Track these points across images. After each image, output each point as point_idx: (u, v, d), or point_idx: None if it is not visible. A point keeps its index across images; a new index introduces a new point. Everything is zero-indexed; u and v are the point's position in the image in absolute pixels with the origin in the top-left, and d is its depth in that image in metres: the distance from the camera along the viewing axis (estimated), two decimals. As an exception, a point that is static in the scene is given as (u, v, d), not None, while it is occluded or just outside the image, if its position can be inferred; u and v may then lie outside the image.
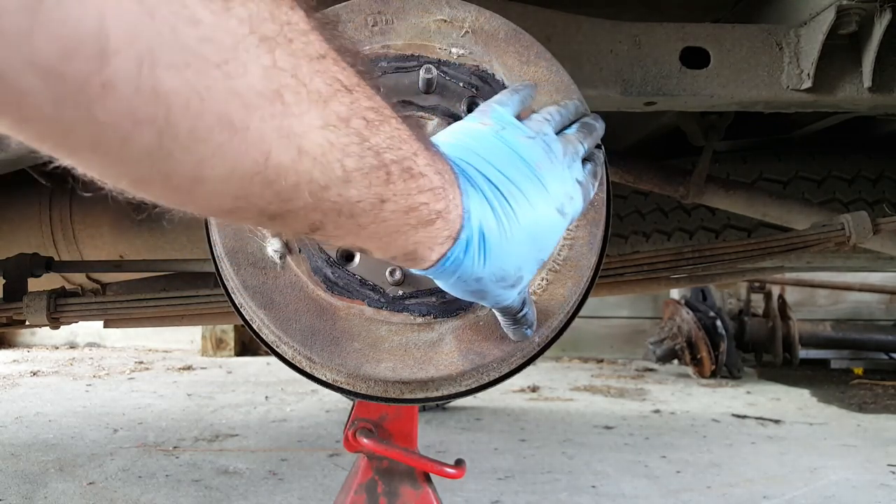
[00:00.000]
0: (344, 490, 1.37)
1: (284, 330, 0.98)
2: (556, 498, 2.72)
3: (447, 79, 1.06)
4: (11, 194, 2.32)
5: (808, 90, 1.53)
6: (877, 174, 2.53)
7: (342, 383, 1.04)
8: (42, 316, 1.63)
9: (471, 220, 0.73)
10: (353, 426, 1.32)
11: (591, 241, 1.04)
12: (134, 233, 2.28)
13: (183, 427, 3.74)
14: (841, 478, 3.06)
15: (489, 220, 0.75)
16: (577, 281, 1.03)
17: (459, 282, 0.78)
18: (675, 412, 4.38)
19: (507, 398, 4.68)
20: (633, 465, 3.18)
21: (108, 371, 5.61)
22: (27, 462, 3.07)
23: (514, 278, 0.81)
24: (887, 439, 3.77)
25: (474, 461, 3.18)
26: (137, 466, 3.02)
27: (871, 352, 6.08)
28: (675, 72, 1.52)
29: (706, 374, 5.51)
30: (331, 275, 1.00)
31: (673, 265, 1.65)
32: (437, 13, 1.07)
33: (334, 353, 0.98)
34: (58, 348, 7.01)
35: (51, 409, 4.12)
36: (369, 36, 1.06)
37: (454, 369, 0.99)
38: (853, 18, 1.44)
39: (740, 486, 2.92)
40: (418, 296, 1.00)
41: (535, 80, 1.07)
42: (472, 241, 0.74)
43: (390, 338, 0.99)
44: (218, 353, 6.62)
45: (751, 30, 1.54)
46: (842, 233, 1.70)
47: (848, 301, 6.50)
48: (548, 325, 1.01)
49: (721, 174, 2.45)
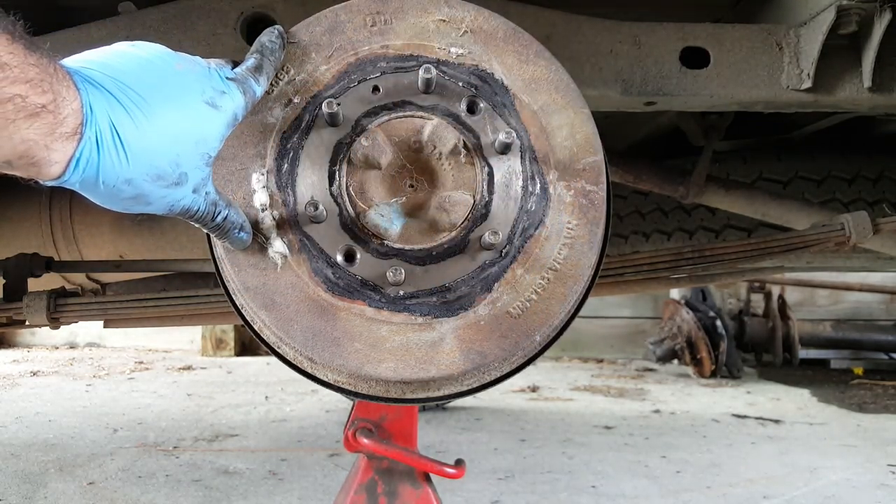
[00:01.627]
0: (344, 490, 1.37)
1: (285, 331, 0.98)
2: (556, 498, 2.72)
3: (446, 78, 1.06)
4: (11, 194, 2.32)
5: (808, 90, 1.53)
6: (877, 174, 2.53)
7: (343, 384, 1.04)
8: (42, 316, 1.63)
9: (95, 115, 0.74)
10: (353, 426, 1.32)
11: (591, 241, 1.04)
12: (134, 233, 2.28)
13: (183, 427, 3.74)
14: (841, 478, 3.06)
15: (120, 115, 0.76)
16: (577, 280, 1.03)
17: (111, 189, 0.77)
18: (675, 412, 4.38)
19: (507, 398, 4.68)
20: (633, 465, 3.18)
21: (108, 371, 5.62)
22: (27, 462, 3.07)
23: (174, 175, 0.81)
24: (887, 439, 3.77)
25: (474, 461, 3.18)
26: (137, 466, 3.02)
27: (871, 352, 6.08)
28: (675, 72, 1.52)
29: (706, 374, 5.51)
30: (331, 275, 1.00)
31: (673, 265, 1.65)
32: (435, 13, 1.08)
33: (335, 353, 0.98)
34: (58, 348, 7.01)
35: (51, 409, 4.12)
36: (368, 36, 1.06)
37: (455, 369, 0.99)
38: (853, 18, 1.44)
39: (740, 486, 2.92)
40: (419, 296, 1.01)
41: (534, 79, 1.08)
42: (104, 137, 0.74)
43: (391, 338, 0.99)
44: (218, 353, 6.61)
45: (751, 30, 1.54)
46: (842, 233, 1.70)
47: (848, 301, 6.50)
48: (549, 324, 1.01)
49: (721, 174, 2.45)
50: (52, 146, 0.72)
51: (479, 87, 1.07)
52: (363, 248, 1.01)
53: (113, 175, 0.76)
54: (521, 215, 1.04)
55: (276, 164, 1.02)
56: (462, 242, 1.03)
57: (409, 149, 1.04)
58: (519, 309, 1.01)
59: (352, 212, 1.02)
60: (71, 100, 0.72)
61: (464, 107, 1.06)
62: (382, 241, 1.02)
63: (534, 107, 1.07)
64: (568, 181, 1.05)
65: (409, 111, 1.05)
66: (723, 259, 1.67)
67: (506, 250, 1.03)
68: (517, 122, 1.06)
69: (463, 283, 1.02)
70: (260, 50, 0.97)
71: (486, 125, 1.06)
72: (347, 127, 1.04)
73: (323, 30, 1.05)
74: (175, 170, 0.82)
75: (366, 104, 1.05)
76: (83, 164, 0.74)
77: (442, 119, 1.04)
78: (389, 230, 1.01)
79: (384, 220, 1.01)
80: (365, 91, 1.05)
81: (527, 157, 1.05)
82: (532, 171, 1.05)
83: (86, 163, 0.74)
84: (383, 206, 1.02)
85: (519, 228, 1.03)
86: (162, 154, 0.79)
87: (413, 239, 1.02)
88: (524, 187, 1.04)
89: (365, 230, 1.02)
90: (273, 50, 0.99)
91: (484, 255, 1.02)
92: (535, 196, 1.04)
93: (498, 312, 1.01)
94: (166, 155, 0.80)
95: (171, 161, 0.81)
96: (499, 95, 1.07)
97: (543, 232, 1.03)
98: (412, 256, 1.02)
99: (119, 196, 0.79)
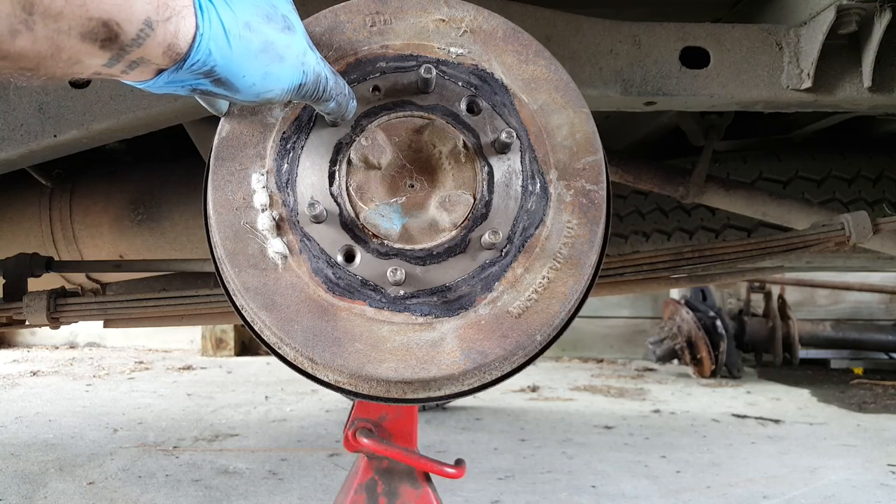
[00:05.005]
0: (344, 490, 1.37)
1: (286, 331, 0.98)
2: (555, 498, 2.72)
3: (446, 78, 1.06)
4: (11, 194, 2.32)
5: (808, 90, 1.53)
6: (877, 174, 2.53)
7: (344, 384, 1.04)
8: (42, 316, 1.63)
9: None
10: (353, 426, 1.32)
11: (591, 240, 1.04)
12: (134, 233, 2.28)
13: (183, 427, 3.74)
14: (841, 478, 3.06)
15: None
16: (578, 279, 1.03)
17: (238, 40, 0.80)
18: (675, 412, 4.38)
19: (506, 398, 4.68)
20: (633, 465, 3.18)
21: (108, 371, 5.62)
22: (27, 462, 3.07)
23: (278, 15, 0.85)
24: (887, 439, 3.77)
25: (474, 461, 3.18)
26: (137, 466, 3.02)
27: (871, 352, 6.08)
28: (675, 72, 1.52)
29: (706, 374, 5.51)
30: (332, 275, 1.00)
31: (673, 265, 1.65)
32: (435, 13, 1.08)
33: (336, 353, 0.98)
34: (58, 348, 7.01)
35: (51, 409, 4.12)
36: (368, 36, 1.06)
37: (457, 368, 0.99)
38: (853, 18, 1.44)
39: (740, 485, 2.92)
40: (419, 296, 1.01)
41: (534, 78, 1.08)
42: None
43: (392, 338, 0.99)
44: (218, 352, 6.62)
45: (751, 30, 1.54)
46: (842, 233, 1.70)
47: (848, 301, 6.51)
48: (549, 324, 1.01)
49: (721, 174, 2.45)
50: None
51: (478, 87, 1.07)
52: (363, 248, 1.01)
53: (230, 18, 0.79)
54: (521, 214, 1.04)
55: (275, 165, 1.02)
56: (462, 242, 1.03)
57: (408, 148, 1.04)
58: (520, 308, 1.01)
59: (352, 212, 1.02)
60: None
61: (463, 106, 1.06)
62: (383, 241, 1.02)
63: (533, 106, 1.07)
64: (568, 180, 1.05)
65: (408, 111, 1.05)
66: (723, 259, 1.67)
67: (506, 249, 1.03)
68: (517, 122, 1.06)
69: (463, 283, 1.02)
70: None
71: (485, 125, 1.06)
72: (347, 127, 1.04)
73: (322, 30, 1.05)
74: (275, 10, 0.85)
75: (365, 104, 1.05)
76: (205, 6, 0.76)
77: (442, 119, 1.05)
78: (390, 230, 1.01)
79: (384, 219, 1.01)
80: (364, 91, 1.05)
81: (526, 156, 1.05)
82: (532, 170, 1.05)
83: (205, 7, 0.76)
84: (383, 205, 1.02)
85: (519, 228, 1.03)
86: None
87: (413, 239, 1.02)
88: (524, 186, 1.04)
89: (365, 230, 1.02)
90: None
91: (484, 255, 1.02)
92: (535, 195, 1.04)
93: (499, 312, 1.01)
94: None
95: (267, 1, 0.85)
96: (498, 95, 1.07)
97: (544, 231, 1.03)
98: (412, 256, 1.02)
99: (251, 48, 0.81)
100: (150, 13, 0.71)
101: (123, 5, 0.69)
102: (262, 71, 0.83)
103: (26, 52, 0.66)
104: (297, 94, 0.90)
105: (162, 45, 0.74)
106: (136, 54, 0.73)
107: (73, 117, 1.52)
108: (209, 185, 1.01)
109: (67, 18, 0.66)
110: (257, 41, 0.82)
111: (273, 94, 0.87)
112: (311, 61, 0.90)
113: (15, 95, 1.53)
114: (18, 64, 0.67)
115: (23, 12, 0.63)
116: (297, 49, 0.87)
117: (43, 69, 0.69)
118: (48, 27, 0.65)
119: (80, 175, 2.33)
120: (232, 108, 1.02)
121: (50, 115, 1.52)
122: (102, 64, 0.72)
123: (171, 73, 0.78)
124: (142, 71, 0.76)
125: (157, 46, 0.73)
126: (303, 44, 0.89)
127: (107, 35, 0.69)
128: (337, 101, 0.96)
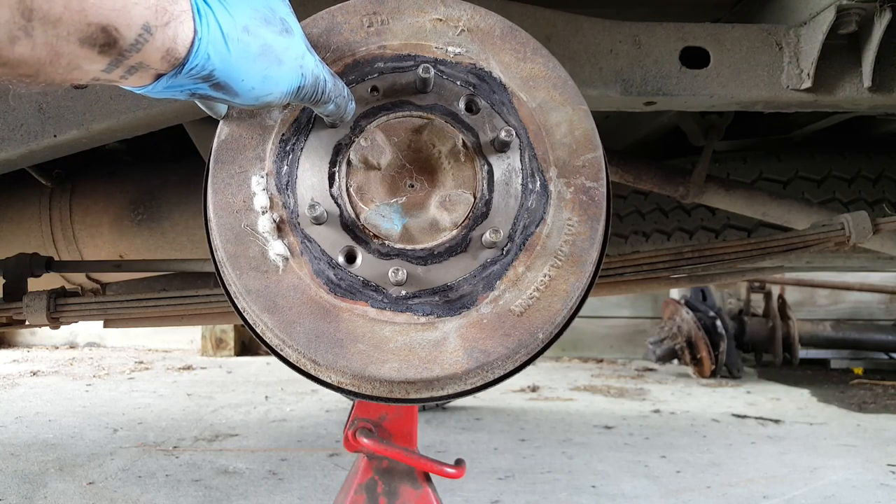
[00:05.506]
0: (344, 490, 1.37)
1: (288, 333, 0.98)
2: (555, 498, 2.72)
3: (444, 78, 1.06)
4: (11, 194, 2.32)
5: (808, 90, 1.53)
6: (877, 174, 2.53)
7: (347, 385, 1.04)
8: (42, 316, 1.63)
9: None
10: (353, 426, 1.32)
11: (591, 237, 1.04)
12: (134, 233, 2.28)
13: (183, 427, 3.74)
14: (841, 478, 3.06)
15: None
16: (579, 276, 1.03)
17: (236, 43, 0.80)
18: (675, 412, 4.38)
19: (507, 398, 4.68)
20: (633, 465, 3.18)
21: (108, 371, 5.62)
22: (27, 462, 3.06)
23: (276, 19, 0.85)
24: (887, 439, 3.77)
25: (474, 461, 3.18)
26: (137, 466, 3.02)
27: (871, 352, 6.08)
28: (675, 72, 1.52)
29: (706, 374, 5.51)
30: (333, 276, 1.00)
31: (673, 265, 1.65)
32: (432, 12, 1.08)
33: (339, 355, 0.98)
34: (58, 348, 7.01)
35: (51, 409, 4.12)
36: (365, 37, 1.06)
37: (460, 368, 0.99)
38: (853, 18, 1.44)
39: (740, 485, 2.92)
40: (421, 295, 1.01)
41: (532, 76, 1.08)
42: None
43: (394, 338, 0.99)
44: (218, 352, 6.62)
45: (751, 30, 1.54)
46: (842, 233, 1.70)
47: (848, 301, 6.51)
48: (551, 322, 1.01)
49: (721, 174, 2.45)
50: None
51: (476, 86, 1.07)
52: (364, 248, 1.01)
53: (228, 22, 0.79)
54: (521, 213, 1.04)
55: (275, 167, 1.02)
56: (463, 241, 1.03)
57: (408, 148, 1.04)
58: (522, 306, 1.01)
59: (352, 212, 1.02)
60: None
61: (462, 105, 1.06)
62: (383, 242, 1.02)
63: (532, 104, 1.07)
64: (568, 178, 1.05)
65: (407, 111, 1.05)
66: (723, 259, 1.67)
67: (507, 248, 1.03)
68: (516, 120, 1.06)
69: (465, 282, 1.02)
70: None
71: (484, 123, 1.06)
72: (346, 128, 1.04)
73: (320, 31, 1.05)
74: (273, 14, 0.85)
75: (364, 105, 1.05)
76: (203, 10, 0.76)
77: (441, 118, 1.05)
78: (390, 230, 1.01)
79: (385, 220, 1.01)
80: (363, 92, 1.05)
81: (526, 154, 1.05)
82: (532, 168, 1.05)
83: (203, 12, 0.76)
84: (384, 206, 1.02)
85: (520, 226, 1.03)
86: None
87: (414, 238, 1.02)
88: (524, 185, 1.04)
89: (366, 231, 1.02)
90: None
91: (485, 254, 1.02)
92: (535, 193, 1.04)
93: (500, 310, 1.01)
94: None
95: (265, 4, 0.85)
96: (497, 93, 1.07)
97: (544, 229, 1.03)
98: (413, 256, 1.02)
99: (249, 52, 0.81)
100: (148, 18, 0.71)
101: (122, 10, 0.69)
102: (260, 74, 0.83)
103: (25, 59, 0.66)
104: (296, 96, 0.90)
105: (160, 50, 0.74)
106: (134, 59, 0.73)
107: (73, 117, 1.52)
108: (209, 188, 1.01)
109: (66, 24, 0.66)
110: (256, 45, 0.82)
111: (272, 97, 0.87)
112: (310, 64, 0.90)
113: (15, 96, 1.53)
114: (18, 70, 0.67)
115: (22, 19, 0.63)
116: (295, 52, 0.87)
117: (42, 75, 0.69)
118: (47, 33, 0.65)
119: (80, 175, 2.33)
120: (231, 110, 1.02)
121: (50, 116, 1.52)
122: (101, 69, 0.72)
123: (170, 78, 0.78)
124: (140, 76, 0.76)
125: (156, 51, 0.73)
126: (301, 46, 0.89)
127: (105, 40, 0.69)
128: (336, 103, 0.96)
